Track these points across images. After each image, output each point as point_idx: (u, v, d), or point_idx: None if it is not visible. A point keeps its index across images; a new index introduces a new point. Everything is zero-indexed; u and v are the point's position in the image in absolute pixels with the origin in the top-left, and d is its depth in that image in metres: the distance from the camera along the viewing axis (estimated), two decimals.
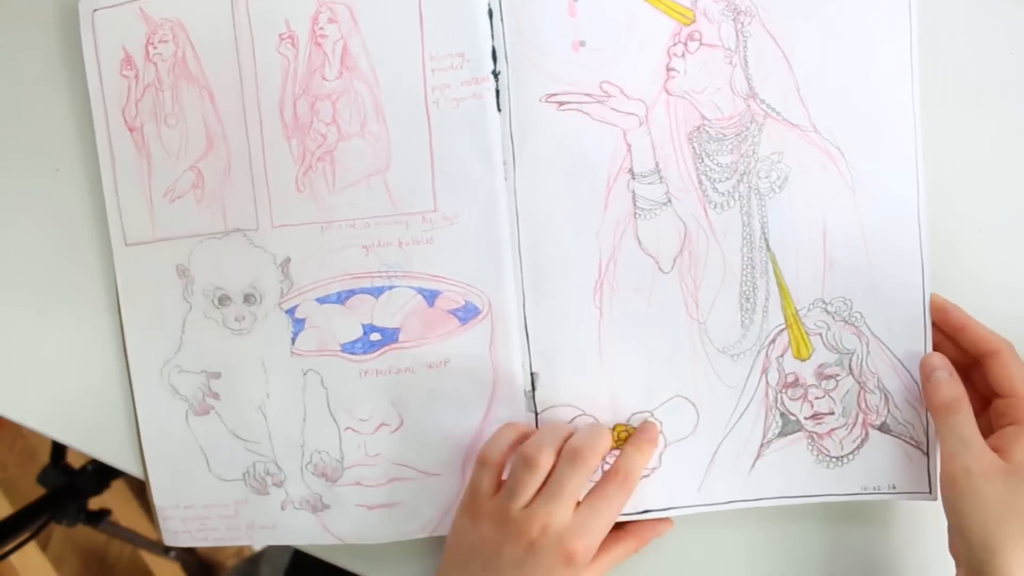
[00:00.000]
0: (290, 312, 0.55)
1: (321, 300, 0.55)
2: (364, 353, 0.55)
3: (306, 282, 0.55)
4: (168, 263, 0.56)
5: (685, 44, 0.53)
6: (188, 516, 0.59)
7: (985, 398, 0.52)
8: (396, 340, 0.55)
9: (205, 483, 0.58)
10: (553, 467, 0.50)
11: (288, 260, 0.55)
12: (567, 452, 0.50)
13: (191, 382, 0.57)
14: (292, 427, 0.56)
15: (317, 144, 0.54)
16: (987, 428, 0.51)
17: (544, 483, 0.50)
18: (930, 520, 0.53)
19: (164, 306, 0.56)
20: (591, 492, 0.51)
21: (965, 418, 0.49)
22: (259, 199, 0.55)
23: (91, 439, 0.59)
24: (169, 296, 0.56)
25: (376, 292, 0.55)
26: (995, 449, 0.48)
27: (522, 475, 0.50)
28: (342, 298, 0.55)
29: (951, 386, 0.51)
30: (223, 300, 0.55)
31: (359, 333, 0.55)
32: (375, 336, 0.55)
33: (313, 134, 0.54)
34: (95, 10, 0.54)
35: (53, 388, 0.59)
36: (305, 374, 0.56)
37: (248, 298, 0.55)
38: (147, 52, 0.54)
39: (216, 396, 0.56)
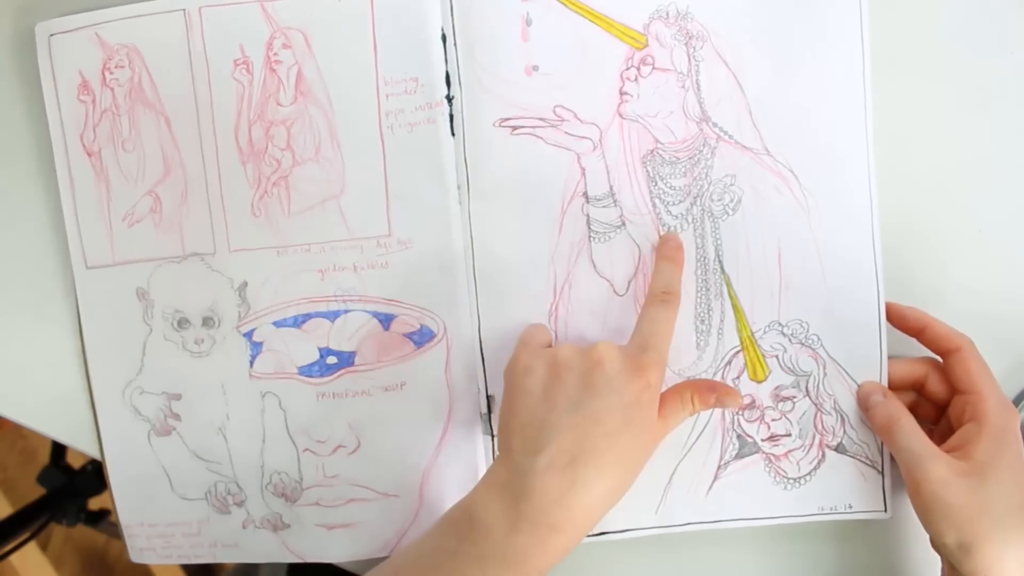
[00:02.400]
0: (248, 335, 0.56)
1: (278, 324, 0.55)
2: (321, 376, 0.55)
3: (263, 306, 0.55)
4: (128, 286, 0.56)
5: (638, 68, 0.53)
6: (152, 534, 0.59)
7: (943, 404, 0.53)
8: (352, 363, 0.55)
9: (168, 502, 0.58)
10: None
11: (245, 284, 0.55)
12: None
13: (152, 403, 0.57)
14: (252, 448, 0.57)
15: (272, 169, 0.54)
16: (948, 429, 0.52)
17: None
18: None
19: (125, 328, 0.57)
20: (639, 319, 0.51)
21: (909, 431, 0.50)
22: (216, 224, 0.55)
23: (90, 439, 0.59)
24: (130, 318, 0.56)
25: (332, 316, 0.55)
26: (955, 448, 0.49)
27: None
28: (298, 322, 0.55)
29: (887, 406, 0.51)
30: (182, 323, 0.56)
31: (316, 356, 0.55)
32: (331, 359, 0.55)
33: (268, 159, 0.54)
34: (51, 35, 0.54)
35: (53, 388, 0.59)
36: (263, 396, 0.56)
37: (207, 321, 0.56)
38: (103, 77, 0.54)
39: (177, 417, 0.57)
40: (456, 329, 0.54)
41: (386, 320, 0.55)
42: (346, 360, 0.55)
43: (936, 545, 0.50)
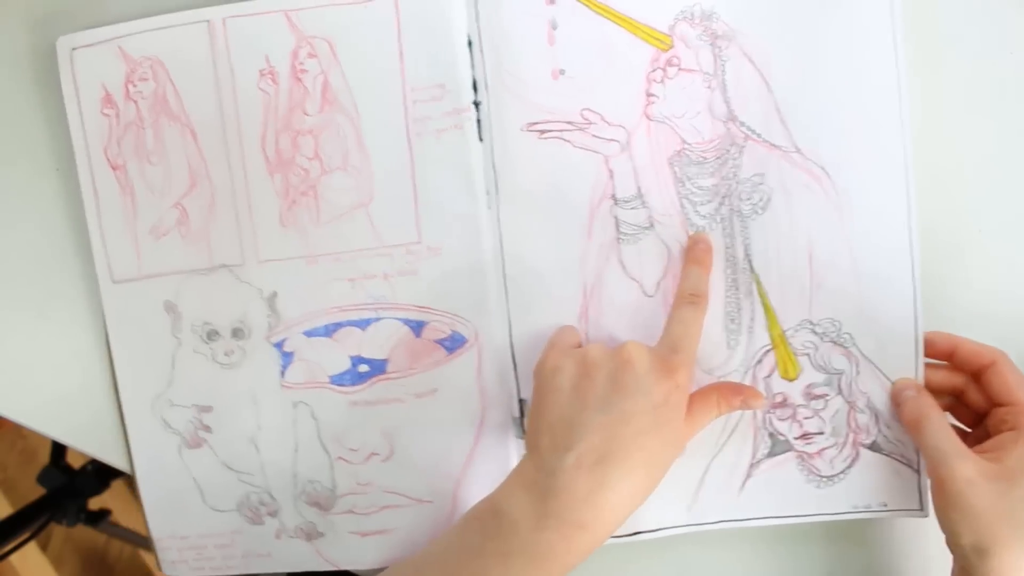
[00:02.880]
0: (278, 345, 0.56)
1: (309, 333, 0.55)
2: (353, 384, 0.55)
3: (293, 316, 0.55)
4: (156, 300, 0.56)
5: (664, 69, 0.52)
6: (184, 546, 0.59)
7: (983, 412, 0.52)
8: (384, 371, 0.55)
9: (200, 514, 0.58)
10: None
11: (275, 294, 0.55)
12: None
13: (183, 416, 0.57)
14: (284, 458, 0.57)
15: (300, 179, 0.54)
16: (984, 435, 0.51)
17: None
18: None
19: (153, 342, 0.56)
20: (668, 321, 0.51)
21: (937, 428, 0.49)
22: (244, 235, 0.55)
23: (90, 438, 0.59)
24: (158, 332, 0.56)
25: (363, 324, 0.55)
26: (988, 451, 0.48)
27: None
28: (329, 331, 0.55)
29: (917, 402, 0.51)
30: (212, 335, 0.56)
31: (347, 365, 0.55)
32: (363, 368, 0.55)
33: (296, 169, 0.54)
34: (73, 48, 0.54)
35: (53, 388, 0.59)
36: (295, 406, 0.56)
37: (236, 332, 0.55)
38: (127, 90, 0.54)
39: (208, 429, 0.57)
40: (487, 334, 0.54)
41: (417, 327, 0.55)
42: (378, 368, 0.55)
43: (951, 545, 0.49)
